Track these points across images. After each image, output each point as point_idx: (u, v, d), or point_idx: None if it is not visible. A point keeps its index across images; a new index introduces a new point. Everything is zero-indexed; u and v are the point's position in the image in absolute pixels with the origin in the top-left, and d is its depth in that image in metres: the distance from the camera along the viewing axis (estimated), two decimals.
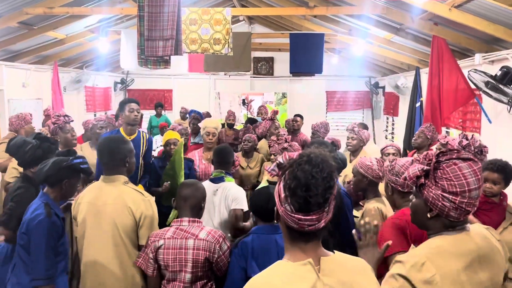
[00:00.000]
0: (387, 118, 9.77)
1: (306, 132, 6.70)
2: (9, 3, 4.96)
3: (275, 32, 9.59)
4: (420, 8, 4.64)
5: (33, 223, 2.50)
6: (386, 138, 9.74)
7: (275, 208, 1.38)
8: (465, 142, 3.22)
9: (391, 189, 2.48)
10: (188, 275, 2.35)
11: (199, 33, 5.18)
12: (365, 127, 6.12)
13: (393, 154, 4.28)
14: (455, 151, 1.54)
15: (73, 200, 2.85)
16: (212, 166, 4.17)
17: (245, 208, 3.20)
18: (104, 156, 2.65)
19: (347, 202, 3.03)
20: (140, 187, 3.14)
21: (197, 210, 2.53)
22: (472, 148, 3.18)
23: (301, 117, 6.82)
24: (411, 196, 1.69)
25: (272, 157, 4.48)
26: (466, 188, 1.47)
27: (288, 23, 8.74)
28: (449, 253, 1.48)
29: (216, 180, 3.30)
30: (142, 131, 4.17)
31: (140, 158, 4.04)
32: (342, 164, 3.76)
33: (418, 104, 6.79)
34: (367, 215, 2.78)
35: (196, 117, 6.54)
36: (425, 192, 1.55)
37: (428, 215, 1.55)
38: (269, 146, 4.60)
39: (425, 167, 1.56)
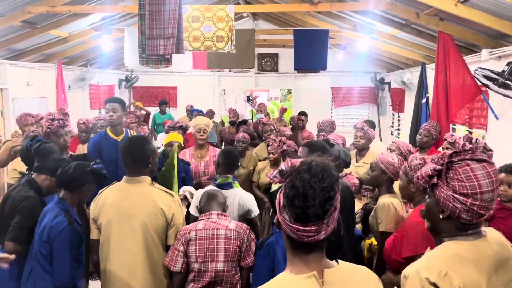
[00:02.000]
0: (393, 114, 9.69)
1: (311, 129, 6.68)
2: (12, 2, 4.96)
3: (279, 28, 9.53)
4: (425, 4, 4.57)
5: (55, 231, 2.48)
6: (392, 135, 9.66)
7: (276, 216, 1.34)
8: (468, 146, 3.16)
9: (415, 187, 2.43)
10: (220, 264, 2.44)
11: (201, 30, 5.15)
12: (372, 125, 6.04)
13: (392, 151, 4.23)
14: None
15: None
16: (203, 164, 4.15)
17: (257, 212, 3.23)
18: (128, 158, 2.59)
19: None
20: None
21: (221, 205, 2.69)
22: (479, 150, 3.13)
23: (306, 115, 6.78)
24: (426, 196, 1.66)
25: (270, 155, 4.44)
26: (478, 190, 1.43)
27: (293, 19, 8.67)
28: (468, 261, 1.43)
29: (224, 186, 3.13)
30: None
31: None
32: (344, 164, 3.71)
33: (424, 100, 6.71)
34: (380, 211, 2.80)
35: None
36: (437, 192, 1.52)
37: (440, 216, 1.52)
38: (268, 145, 4.55)
39: (438, 167, 1.53)
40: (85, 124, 5.46)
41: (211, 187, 3.16)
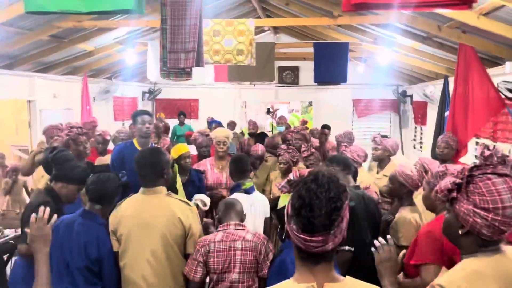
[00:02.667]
0: (415, 128, 9.55)
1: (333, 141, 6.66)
2: (41, 17, 5.15)
3: (300, 41, 9.58)
4: (447, 17, 4.53)
5: (106, 249, 2.53)
6: (414, 148, 9.51)
7: (285, 226, 1.35)
8: (487, 152, 3.13)
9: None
10: (235, 276, 2.46)
11: (222, 44, 5.23)
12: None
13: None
14: (491, 166, 1.48)
15: None
16: (225, 175, 4.18)
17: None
18: (144, 169, 2.63)
19: None
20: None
21: (239, 215, 2.70)
22: (495, 159, 3.08)
23: (329, 128, 6.80)
24: (445, 212, 1.62)
25: (281, 165, 4.43)
26: (500, 205, 1.39)
27: (313, 32, 8.71)
28: (488, 277, 1.40)
29: (250, 190, 3.32)
30: (155, 143, 4.17)
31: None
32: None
33: (447, 113, 6.60)
34: (400, 225, 2.82)
35: (219, 127, 6.57)
36: (457, 207, 1.48)
37: (460, 232, 1.48)
38: (279, 155, 4.54)
39: (458, 180, 1.50)
40: (101, 136, 5.57)
41: (237, 195, 3.22)
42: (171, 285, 2.53)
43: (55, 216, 2.00)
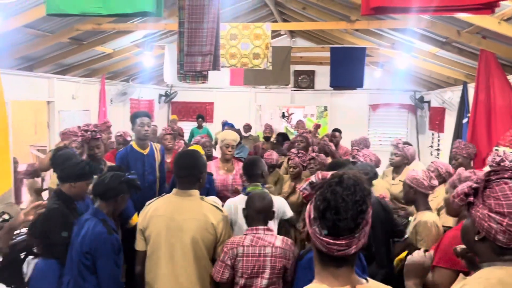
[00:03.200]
0: (432, 134, 9.41)
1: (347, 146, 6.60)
2: (61, 20, 5.24)
3: (316, 45, 9.55)
4: (466, 22, 4.46)
5: (97, 241, 2.53)
6: (431, 155, 9.37)
7: (306, 228, 1.33)
8: (498, 158, 3.16)
9: None
10: (264, 281, 2.45)
11: (238, 47, 5.25)
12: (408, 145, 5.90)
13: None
14: (510, 171, 1.44)
15: None
16: (230, 177, 4.16)
17: (291, 213, 3.37)
18: (183, 170, 2.64)
19: None
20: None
21: (268, 219, 2.67)
22: (507, 163, 3.11)
23: (340, 131, 6.72)
24: (465, 220, 1.60)
25: (291, 169, 4.40)
26: None
27: (330, 36, 8.67)
28: (510, 286, 1.35)
29: None
30: (154, 144, 4.17)
31: (157, 171, 4.03)
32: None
33: (465, 120, 6.50)
34: (421, 229, 2.83)
35: (236, 131, 6.57)
36: (473, 212, 1.46)
37: (476, 238, 1.45)
38: (289, 159, 4.51)
39: (474, 185, 1.47)
40: (122, 137, 5.62)
41: (242, 196, 3.19)
42: (198, 286, 2.52)
43: None
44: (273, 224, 3.25)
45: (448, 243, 2.18)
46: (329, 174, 1.33)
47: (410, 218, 3.62)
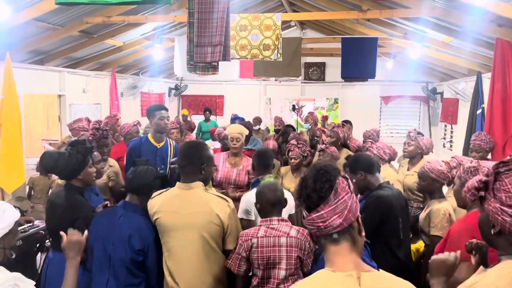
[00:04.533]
0: (445, 126, 9.28)
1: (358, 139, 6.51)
2: (71, 13, 5.25)
3: (327, 36, 9.45)
4: (482, 9, 4.35)
5: (151, 238, 2.52)
6: (444, 147, 9.25)
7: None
8: None
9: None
10: (282, 272, 2.43)
11: (248, 39, 5.20)
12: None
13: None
14: None
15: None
16: (235, 172, 4.12)
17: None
18: (183, 160, 2.59)
19: None
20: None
21: (281, 209, 2.65)
22: None
23: (350, 123, 6.64)
24: (476, 209, 1.57)
25: (292, 161, 4.36)
26: None
27: (341, 27, 8.57)
28: None
29: None
30: (169, 139, 4.12)
31: (168, 166, 3.94)
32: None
33: (479, 111, 6.38)
34: (435, 216, 2.92)
35: (246, 124, 6.53)
36: (486, 206, 1.43)
37: (492, 232, 1.42)
38: (289, 150, 4.44)
39: (484, 178, 1.45)
40: (136, 127, 5.61)
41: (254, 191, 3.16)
42: (209, 281, 2.49)
43: (86, 232, 2.14)
44: None
45: (457, 237, 2.17)
46: None
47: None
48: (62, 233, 2.04)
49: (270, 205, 2.57)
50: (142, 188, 2.65)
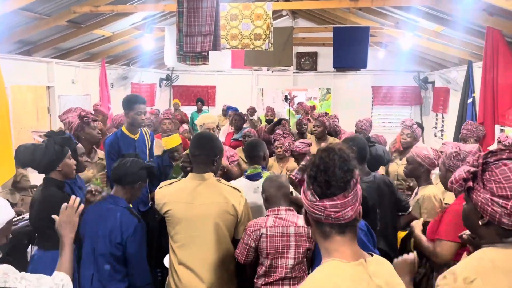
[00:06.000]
0: (436, 115, 9.33)
1: (350, 129, 6.49)
2: (57, 3, 5.15)
3: (318, 26, 9.40)
4: None
5: (130, 231, 2.48)
6: (435, 136, 9.31)
7: (303, 210, 1.35)
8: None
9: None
10: (290, 261, 2.45)
11: (239, 28, 5.14)
12: (420, 127, 5.76)
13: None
14: (506, 151, 1.40)
15: None
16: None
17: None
18: (196, 150, 2.56)
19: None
20: None
21: (288, 199, 2.66)
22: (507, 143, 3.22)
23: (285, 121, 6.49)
24: (464, 203, 1.57)
25: (279, 150, 4.36)
26: None
27: (332, 16, 8.53)
28: (502, 270, 1.32)
29: (253, 177, 3.15)
30: (143, 128, 4.03)
31: (147, 156, 3.94)
32: (384, 162, 3.71)
33: (470, 100, 6.41)
34: (426, 202, 2.98)
35: (239, 114, 6.51)
36: (474, 197, 1.42)
37: (480, 222, 1.41)
38: (275, 140, 4.44)
39: (472, 169, 1.44)
40: (114, 121, 5.55)
41: (240, 180, 3.17)
42: (222, 271, 2.51)
43: (82, 205, 2.08)
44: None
45: (452, 218, 2.23)
46: None
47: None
48: (54, 216, 2.00)
49: (275, 194, 2.60)
50: (126, 177, 2.63)
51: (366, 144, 3.18)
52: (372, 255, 1.33)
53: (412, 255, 1.79)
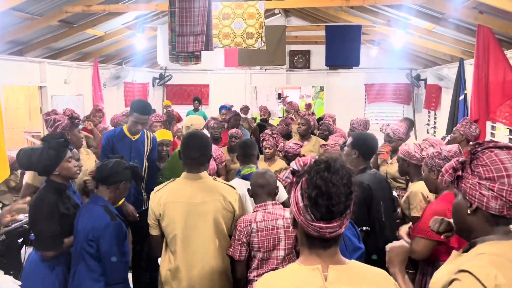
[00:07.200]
0: (429, 112, 9.39)
1: (344, 128, 6.52)
2: (49, 2, 5.12)
3: (311, 24, 9.42)
4: None
5: (100, 228, 2.48)
6: (428, 133, 9.37)
7: (292, 215, 1.34)
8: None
9: (436, 174, 2.58)
10: (281, 252, 2.54)
11: (232, 27, 5.14)
12: (411, 123, 5.73)
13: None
14: (493, 142, 1.45)
15: None
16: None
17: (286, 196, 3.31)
18: (195, 151, 2.58)
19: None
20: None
21: (274, 195, 2.71)
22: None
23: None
24: (447, 191, 1.60)
25: (267, 150, 4.37)
26: (504, 173, 1.35)
27: (325, 15, 8.55)
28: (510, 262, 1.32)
29: (249, 176, 3.13)
30: (147, 131, 4.03)
31: (145, 159, 3.91)
32: None
33: (462, 97, 6.47)
34: (413, 198, 3.03)
35: (238, 113, 6.51)
36: (463, 185, 1.44)
37: (468, 211, 1.43)
38: (263, 140, 4.44)
39: (461, 159, 1.49)
40: (112, 121, 5.53)
41: (235, 180, 3.20)
42: (221, 268, 2.57)
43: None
44: None
45: (429, 215, 2.28)
46: (308, 159, 1.35)
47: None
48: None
49: (262, 189, 2.65)
50: (108, 177, 2.64)
51: (376, 144, 3.26)
52: (346, 264, 1.33)
53: (405, 243, 1.81)
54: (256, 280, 2.34)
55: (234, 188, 2.65)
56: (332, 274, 1.28)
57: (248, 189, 2.74)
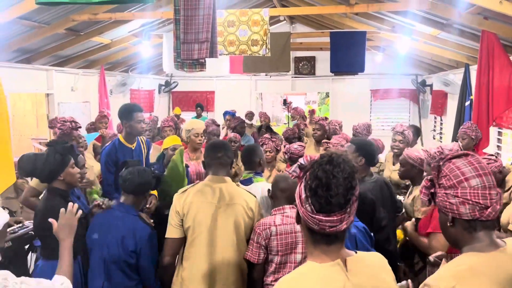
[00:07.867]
0: (435, 118, 9.35)
1: (348, 133, 6.51)
2: (57, 11, 5.19)
3: (316, 31, 9.45)
4: (468, 2, 4.38)
5: (144, 239, 2.50)
6: (434, 138, 9.33)
7: (296, 209, 1.38)
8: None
9: None
10: (299, 256, 2.54)
11: (237, 34, 5.18)
12: (417, 130, 5.72)
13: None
14: (452, 152, 1.51)
15: None
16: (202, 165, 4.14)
17: None
18: (219, 151, 2.67)
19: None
20: None
21: (293, 201, 2.65)
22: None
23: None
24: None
25: (267, 154, 4.37)
26: (462, 178, 1.39)
27: (330, 21, 8.57)
28: (482, 274, 1.32)
29: (245, 182, 3.21)
30: (140, 137, 3.97)
31: (144, 164, 3.88)
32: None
33: (468, 103, 6.44)
34: (418, 201, 3.02)
35: (243, 120, 6.51)
36: (437, 200, 1.48)
37: (448, 223, 1.45)
38: (263, 144, 4.46)
39: (429, 177, 1.53)
40: (119, 128, 5.58)
41: (265, 183, 3.23)
42: (239, 272, 2.57)
43: (80, 211, 2.07)
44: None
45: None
46: (317, 156, 1.38)
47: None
48: (51, 220, 1.99)
49: (282, 193, 2.67)
50: (140, 187, 2.65)
51: (377, 150, 3.28)
52: (356, 253, 1.37)
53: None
54: (273, 286, 2.36)
55: (255, 196, 2.69)
56: (351, 266, 1.30)
57: (269, 189, 2.81)
